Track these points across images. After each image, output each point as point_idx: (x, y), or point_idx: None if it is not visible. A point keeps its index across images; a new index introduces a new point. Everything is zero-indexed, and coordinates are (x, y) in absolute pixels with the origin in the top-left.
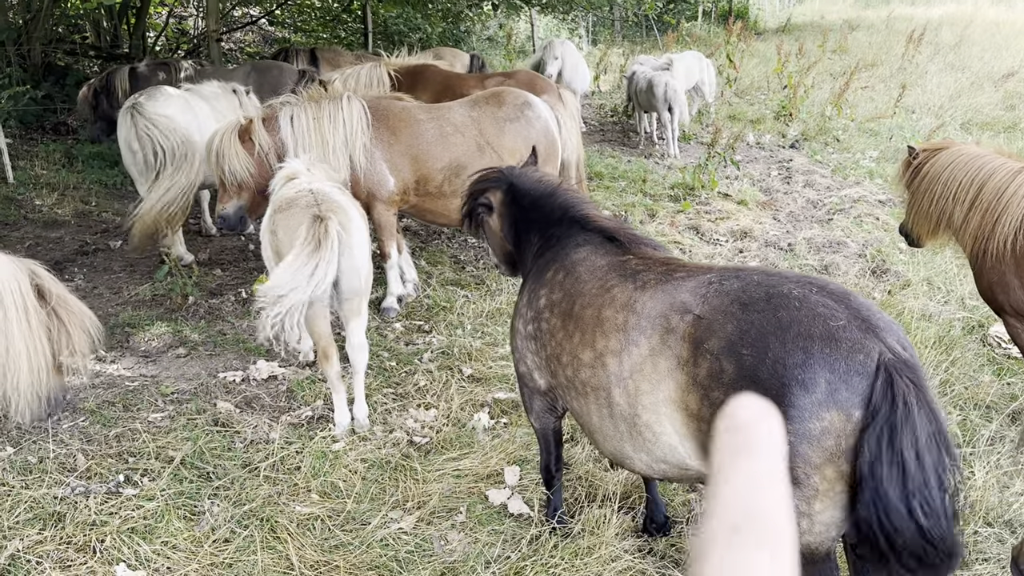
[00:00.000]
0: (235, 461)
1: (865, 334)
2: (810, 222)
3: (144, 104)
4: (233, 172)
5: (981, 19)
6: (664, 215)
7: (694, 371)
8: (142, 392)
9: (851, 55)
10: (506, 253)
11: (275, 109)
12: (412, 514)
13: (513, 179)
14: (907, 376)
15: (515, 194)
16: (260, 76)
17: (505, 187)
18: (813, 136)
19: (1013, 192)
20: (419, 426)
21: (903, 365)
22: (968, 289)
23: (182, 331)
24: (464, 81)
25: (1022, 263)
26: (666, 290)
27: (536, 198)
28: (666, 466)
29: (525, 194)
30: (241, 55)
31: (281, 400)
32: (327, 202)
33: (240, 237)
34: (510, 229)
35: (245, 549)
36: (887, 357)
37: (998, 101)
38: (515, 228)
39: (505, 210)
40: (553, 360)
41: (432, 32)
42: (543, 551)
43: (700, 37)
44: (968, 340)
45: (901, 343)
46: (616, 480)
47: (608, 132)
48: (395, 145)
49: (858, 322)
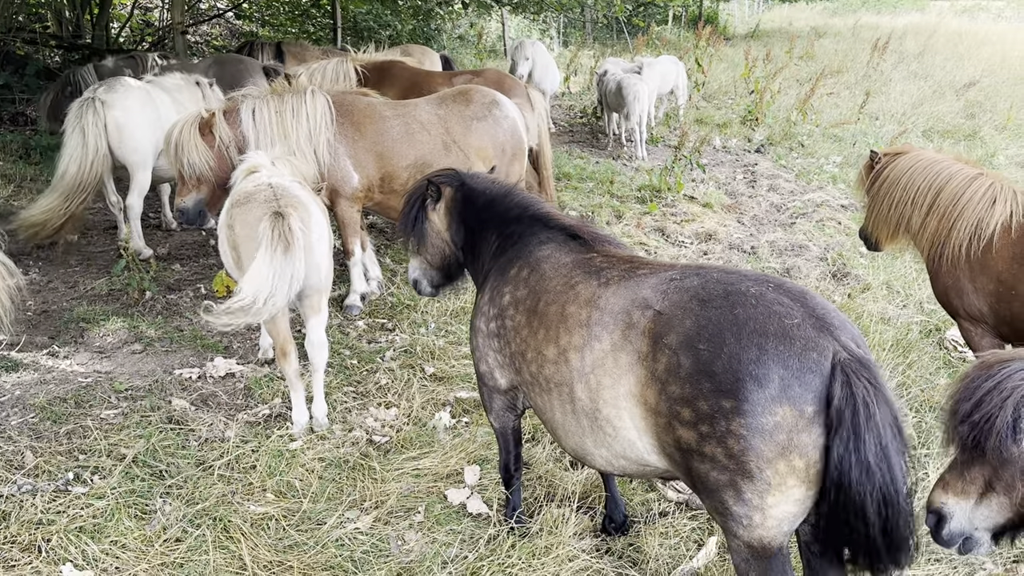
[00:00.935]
0: (189, 459)
1: (819, 332)
2: (773, 226)
3: (102, 99)
4: (192, 165)
5: (944, 29)
6: (631, 216)
7: (653, 365)
8: (95, 388)
9: (817, 62)
10: (444, 258)
11: (237, 102)
12: (369, 514)
13: (466, 178)
14: (864, 376)
15: (469, 193)
16: (222, 70)
17: (457, 184)
18: (778, 141)
19: (969, 198)
20: (379, 425)
21: (858, 364)
22: (926, 293)
23: (138, 327)
24: (432, 79)
25: (976, 268)
26: (628, 287)
27: (493, 197)
28: (626, 462)
29: (480, 193)
30: (207, 48)
31: (238, 398)
32: (286, 197)
33: (200, 232)
34: (459, 227)
35: (197, 549)
36: (842, 356)
37: (959, 110)
38: (466, 226)
39: (455, 208)
40: (518, 357)
41: (402, 29)
42: (500, 551)
43: (670, 41)
44: (925, 343)
45: (856, 341)
46: (575, 480)
47: (577, 133)
48: (359, 141)
49: (813, 320)
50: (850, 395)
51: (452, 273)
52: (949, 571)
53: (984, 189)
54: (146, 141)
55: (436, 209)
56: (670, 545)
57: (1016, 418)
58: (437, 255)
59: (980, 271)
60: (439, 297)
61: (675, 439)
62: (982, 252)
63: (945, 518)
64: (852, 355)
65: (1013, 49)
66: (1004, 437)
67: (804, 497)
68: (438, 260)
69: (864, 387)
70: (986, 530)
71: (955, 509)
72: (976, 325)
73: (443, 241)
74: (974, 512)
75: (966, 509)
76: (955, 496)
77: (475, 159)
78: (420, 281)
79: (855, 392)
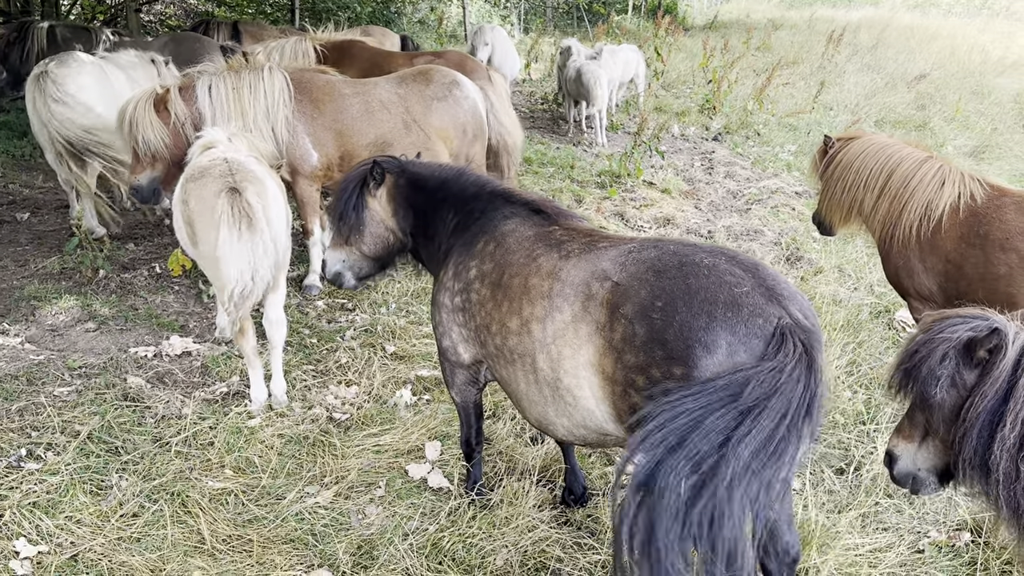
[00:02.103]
0: (145, 436)
1: (768, 301)
2: (730, 211)
3: (54, 73)
4: (147, 142)
5: (897, 24)
6: (591, 201)
7: (610, 335)
8: (47, 366)
9: (774, 53)
10: (387, 246)
11: (192, 78)
12: (330, 489)
13: (406, 164)
14: (799, 337)
15: (414, 177)
16: (178, 47)
17: (397, 170)
18: (735, 129)
19: (919, 180)
20: (339, 403)
21: (799, 328)
22: (877, 277)
23: (91, 305)
24: (392, 59)
25: (926, 248)
26: (589, 259)
27: (445, 178)
28: (585, 431)
29: (430, 176)
30: (161, 27)
31: (195, 376)
32: (241, 172)
33: (155, 210)
34: (407, 212)
35: (154, 524)
36: (785, 321)
37: (910, 101)
38: (415, 210)
39: (399, 193)
40: (483, 330)
41: (362, 11)
42: (461, 522)
43: (630, 30)
44: (875, 324)
45: (803, 311)
46: (536, 454)
47: (538, 119)
48: (318, 119)
49: (762, 290)
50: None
51: (388, 262)
52: (895, 539)
53: (933, 171)
54: (99, 119)
55: (377, 197)
56: None
57: (936, 367)
58: (378, 243)
59: (929, 251)
60: (399, 278)
61: (631, 406)
62: (931, 233)
63: (895, 459)
64: (797, 323)
65: (962, 44)
66: (928, 385)
67: None
68: (377, 249)
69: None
70: (928, 471)
71: (902, 452)
72: (925, 304)
73: (386, 229)
74: (917, 454)
75: (911, 451)
76: (904, 440)
77: (436, 139)
78: (343, 274)
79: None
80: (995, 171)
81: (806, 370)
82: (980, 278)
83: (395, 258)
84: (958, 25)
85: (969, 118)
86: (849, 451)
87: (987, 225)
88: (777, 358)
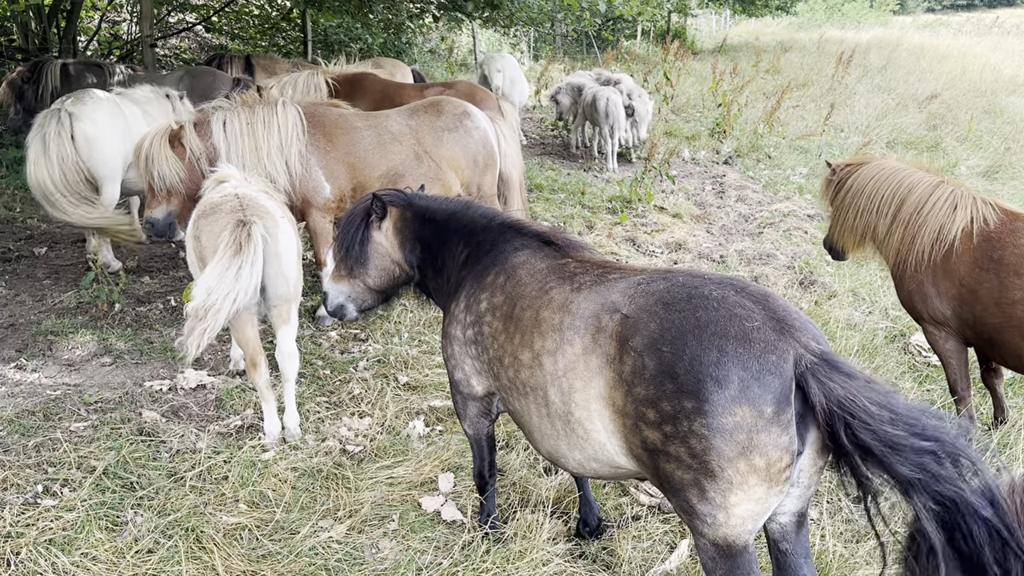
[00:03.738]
0: (160, 471)
1: (779, 335)
2: (742, 235)
3: (72, 112)
4: (163, 177)
5: (907, 44)
6: (602, 227)
7: (620, 368)
8: (64, 401)
9: (783, 75)
10: (392, 279)
11: (207, 114)
12: (343, 523)
13: (412, 197)
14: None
15: (421, 210)
16: (193, 82)
17: (403, 203)
18: (746, 152)
19: (932, 205)
20: (352, 434)
21: (822, 362)
22: (891, 300)
23: (107, 339)
24: (403, 90)
25: (939, 273)
26: (599, 291)
27: (452, 211)
28: (597, 464)
29: (437, 209)
30: (176, 61)
31: (209, 409)
32: (252, 207)
33: (170, 244)
34: (414, 246)
35: (169, 560)
36: (806, 358)
37: (922, 121)
38: (423, 243)
39: (406, 227)
40: (496, 363)
41: (373, 43)
42: (475, 556)
43: (639, 56)
44: (890, 349)
45: (816, 340)
46: (549, 485)
47: (548, 145)
48: (331, 152)
49: (773, 323)
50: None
51: (392, 293)
52: None
53: (946, 196)
54: (115, 154)
55: (382, 230)
56: (643, 548)
57: None
58: (383, 276)
59: (943, 276)
60: (411, 308)
61: (641, 440)
62: (944, 257)
63: None
64: (813, 353)
65: (973, 63)
66: None
67: (766, 496)
68: (383, 282)
69: (836, 383)
70: None
71: None
72: (940, 329)
73: (392, 262)
74: None
75: None
76: None
77: (447, 169)
78: (345, 306)
79: (830, 388)
80: (1008, 191)
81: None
82: (995, 303)
83: (399, 289)
84: (969, 44)
85: (981, 138)
86: None
87: (1001, 250)
88: None
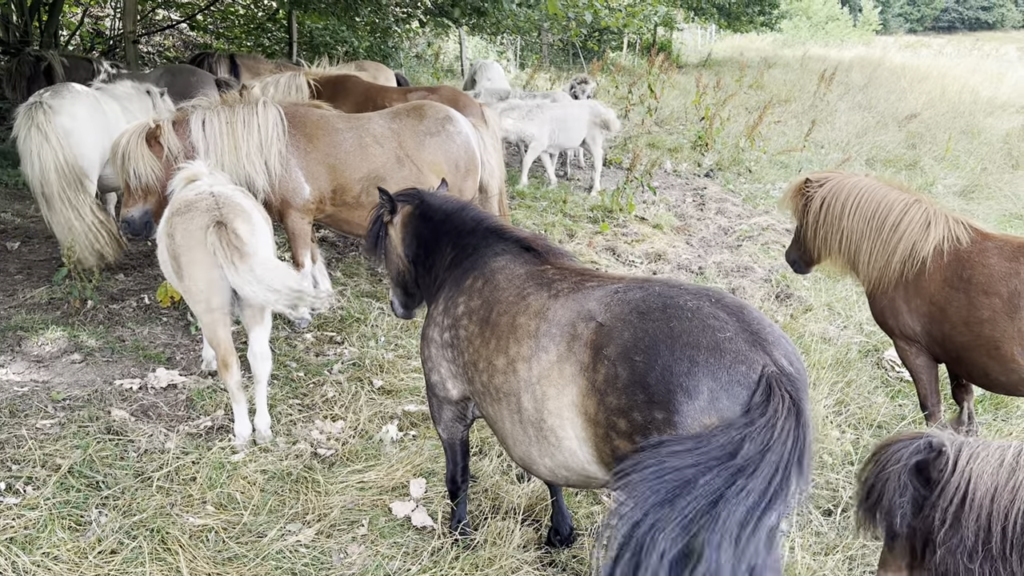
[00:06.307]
0: (127, 470)
1: (751, 347)
2: (720, 247)
3: (51, 105)
4: (139, 175)
5: (888, 63)
6: (583, 235)
7: (593, 376)
8: (31, 398)
9: (766, 91)
10: (399, 273)
11: (187, 112)
12: (312, 527)
13: (425, 196)
14: (786, 388)
15: (425, 209)
16: (174, 79)
17: (417, 201)
18: (727, 166)
19: (907, 225)
20: (324, 438)
21: (784, 377)
22: (865, 315)
23: (78, 336)
24: (386, 93)
25: (911, 290)
26: (576, 298)
27: (449, 212)
28: (568, 472)
29: (437, 208)
30: (159, 59)
31: (180, 409)
32: (228, 205)
33: (146, 242)
34: (412, 241)
35: (133, 560)
36: (770, 370)
37: (901, 140)
38: (419, 240)
39: (410, 223)
40: (470, 367)
41: (359, 46)
42: (443, 563)
43: (624, 67)
44: (864, 363)
45: (788, 357)
46: (521, 493)
47: None
48: (312, 153)
49: (746, 335)
50: (767, 403)
51: (409, 290)
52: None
53: (920, 215)
54: (92, 149)
55: (394, 224)
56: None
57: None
58: (392, 271)
59: (914, 293)
60: (388, 311)
61: (612, 449)
62: (916, 275)
63: None
64: (782, 370)
65: (953, 84)
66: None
67: None
68: (394, 277)
69: (781, 396)
70: None
71: None
72: (911, 345)
73: (397, 256)
74: None
75: None
76: (893, 573)
77: (428, 173)
78: (394, 302)
79: (770, 403)
80: (984, 211)
81: (795, 423)
82: (963, 321)
83: (411, 287)
84: (949, 66)
85: (959, 158)
86: (837, 492)
87: (970, 269)
88: (767, 413)
